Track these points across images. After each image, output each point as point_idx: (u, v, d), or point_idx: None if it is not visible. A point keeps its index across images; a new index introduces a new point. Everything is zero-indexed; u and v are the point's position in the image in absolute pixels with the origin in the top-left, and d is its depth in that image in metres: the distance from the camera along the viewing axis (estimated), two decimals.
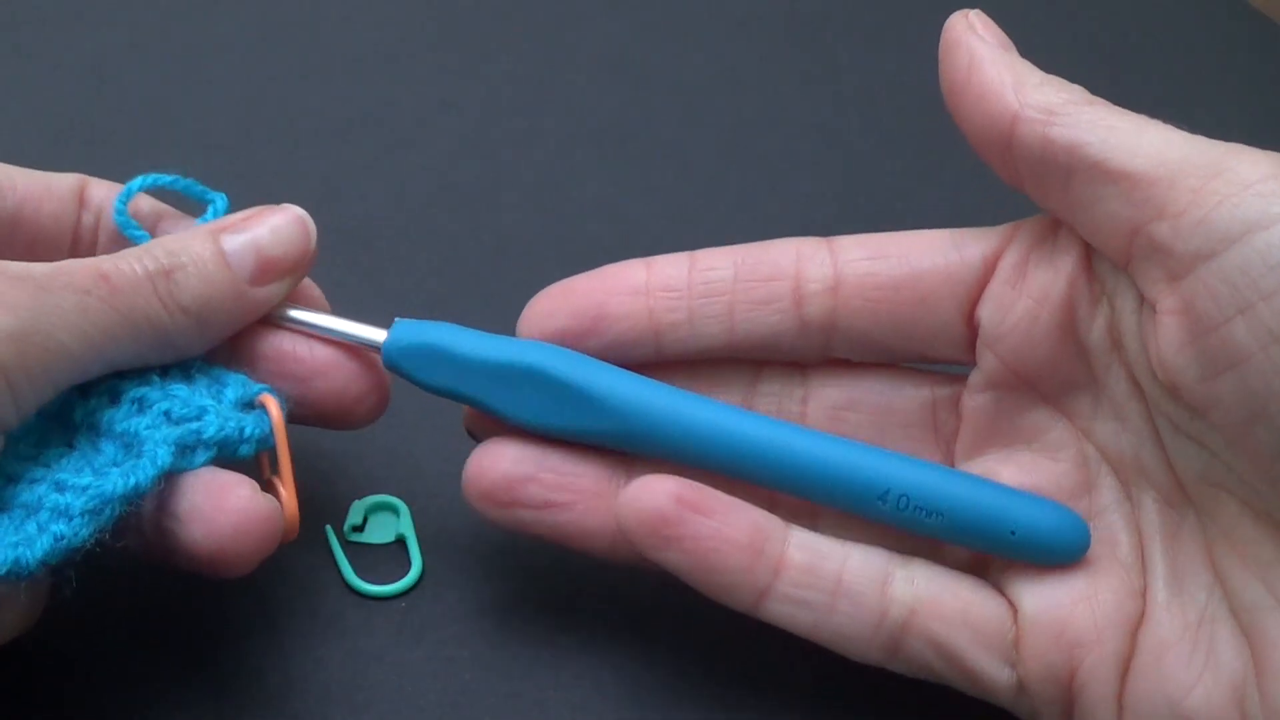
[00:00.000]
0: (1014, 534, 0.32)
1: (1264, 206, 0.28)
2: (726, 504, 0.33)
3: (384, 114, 0.52)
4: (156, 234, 0.36)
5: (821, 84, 0.55)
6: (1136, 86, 0.35)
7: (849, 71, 0.56)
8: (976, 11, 0.33)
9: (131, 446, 0.32)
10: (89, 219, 0.36)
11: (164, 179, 0.35)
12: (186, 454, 0.32)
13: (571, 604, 0.37)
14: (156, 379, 0.33)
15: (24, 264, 0.31)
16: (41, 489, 0.30)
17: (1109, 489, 0.33)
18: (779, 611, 0.33)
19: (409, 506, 0.39)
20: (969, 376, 0.34)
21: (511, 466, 0.34)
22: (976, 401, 0.34)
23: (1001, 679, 0.32)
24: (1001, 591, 0.33)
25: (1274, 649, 0.30)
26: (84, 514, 0.30)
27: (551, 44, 0.56)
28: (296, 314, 0.35)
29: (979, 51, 0.32)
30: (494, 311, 0.36)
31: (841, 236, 0.35)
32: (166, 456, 0.31)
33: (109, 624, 0.36)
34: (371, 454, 0.40)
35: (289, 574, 0.37)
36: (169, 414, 0.32)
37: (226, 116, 0.51)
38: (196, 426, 0.32)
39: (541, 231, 0.48)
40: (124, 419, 0.32)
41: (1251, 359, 0.28)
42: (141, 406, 0.32)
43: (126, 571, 0.33)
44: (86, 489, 0.30)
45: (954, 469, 0.34)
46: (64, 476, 0.31)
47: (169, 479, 0.31)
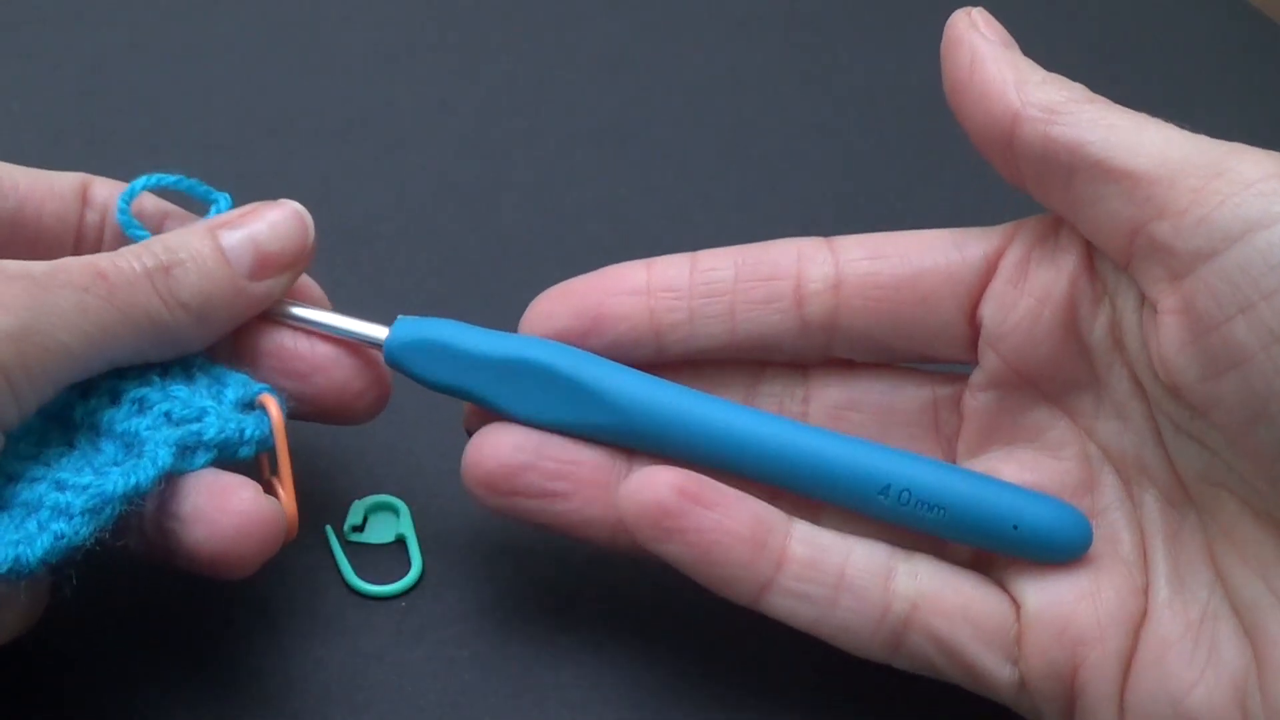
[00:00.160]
0: (1017, 529, 0.32)
1: (1265, 206, 0.28)
2: (728, 496, 0.33)
3: (384, 114, 0.52)
4: (161, 233, 0.35)
5: (821, 84, 0.55)
6: (1136, 86, 0.35)
7: (849, 71, 0.56)
8: (979, 9, 0.33)
9: (132, 447, 0.32)
10: (93, 218, 0.36)
11: (167, 179, 0.35)
12: (187, 455, 0.32)
13: (571, 604, 0.37)
14: (157, 379, 0.33)
15: (22, 263, 0.30)
16: (42, 488, 0.30)
17: (1111, 488, 0.33)
18: (781, 605, 0.33)
19: (409, 506, 0.39)
20: (970, 376, 0.34)
21: (511, 454, 0.33)
22: (978, 401, 0.34)
23: (1003, 675, 0.32)
24: (1004, 588, 0.33)
25: (1275, 647, 0.30)
26: (84, 513, 0.30)
27: (551, 44, 0.56)
28: (299, 311, 0.35)
29: (981, 49, 0.32)
30: (494, 311, 0.36)
31: (842, 236, 0.34)
32: (167, 457, 0.31)
33: (109, 624, 0.36)
34: (371, 453, 0.40)
35: (289, 574, 0.37)
36: (169, 415, 0.32)
37: (226, 116, 0.51)
38: (197, 428, 0.32)
39: (541, 231, 0.48)
40: (124, 419, 0.32)
41: (1252, 358, 0.28)
42: (142, 407, 0.32)
43: (126, 571, 0.33)
44: (87, 488, 0.30)
45: (956, 465, 0.34)
46: (64, 475, 0.31)
47: (171, 480, 0.31)
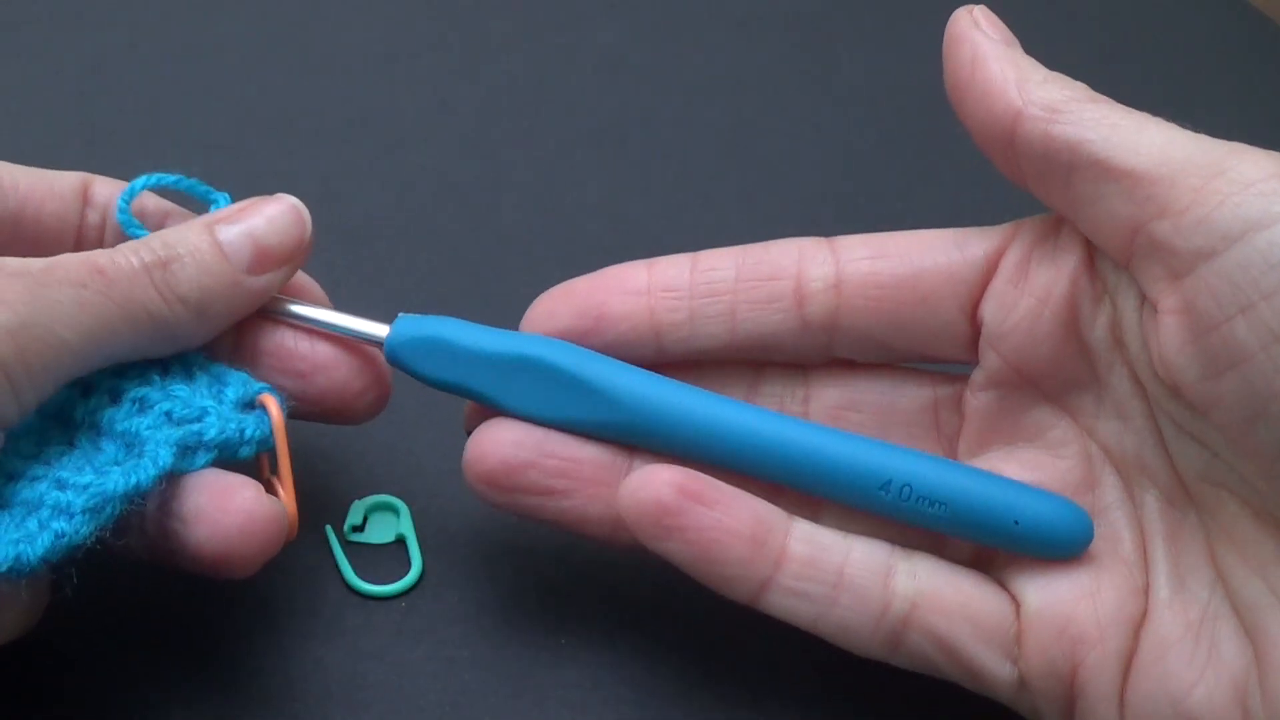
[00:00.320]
0: (1018, 525, 0.32)
1: (1265, 206, 0.28)
2: (728, 494, 0.33)
3: (384, 114, 0.52)
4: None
5: (821, 84, 0.55)
6: (1137, 86, 0.35)
7: (849, 71, 0.56)
8: (981, 7, 0.33)
9: (132, 446, 0.32)
10: (94, 217, 0.36)
11: (168, 178, 0.35)
12: (187, 455, 0.32)
13: (572, 604, 0.37)
14: (157, 379, 0.33)
15: (20, 260, 0.31)
16: (42, 487, 0.30)
17: (1111, 487, 0.33)
18: (780, 604, 0.33)
19: (409, 506, 0.39)
20: (971, 375, 0.34)
21: (512, 451, 0.34)
22: (979, 400, 0.34)
23: (1003, 674, 0.32)
24: (1004, 587, 0.33)
25: (1275, 647, 0.30)
26: (85, 512, 0.30)
27: (551, 44, 0.56)
28: (299, 310, 0.35)
29: (983, 47, 0.32)
30: (494, 311, 0.36)
31: (843, 236, 0.34)
32: (168, 457, 0.31)
33: (109, 624, 0.36)
34: (371, 454, 0.40)
35: (289, 574, 0.37)
36: (170, 414, 0.32)
37: (226, 116, 0.51)
38: (198, 428, 0.32)
39: (541, 231, 0.48)
40: (125, 419, 0.32)
41: (1252, 358, 0.28)
42: (143, 406, 0.32)
43: (127, 571, 0.33)
44: (88, 487, 0.30)
45: (957, 461, 0.34)
46: (65, 474, 0.31)
47: (172, 480, 0.31)
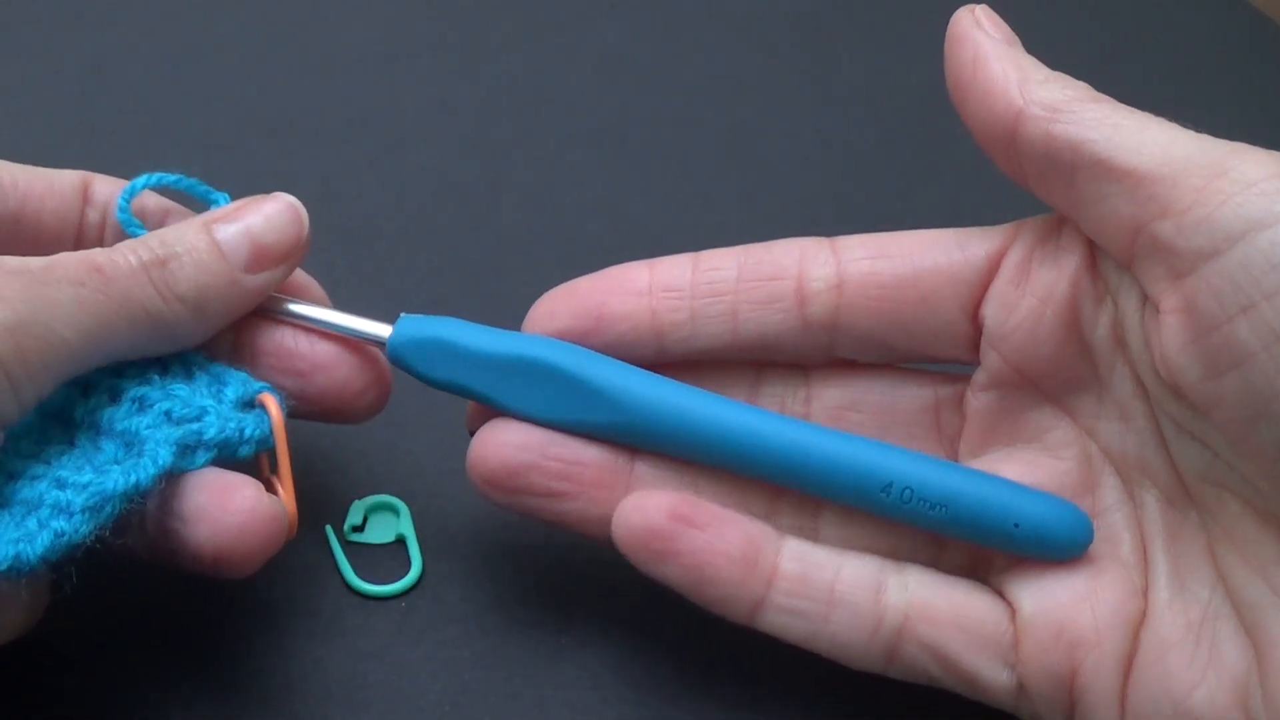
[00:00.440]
0: (1018, 527, 0.32)
1: (1267, 205, 0.28)
2: (719, 517, 0.33)
3: (384, 114, 0.52)
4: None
5: (821, 84, 0.55)
6: (1137, 86, 0.35)
7: (849, 71, 0.56)
8: (983, 7, 0.33)
9: (132, 445, 0.32)
10: (94, 216, 0.36)
11: (168, 178, 0.35)
12: (187, 454, 0.32)
13: (572, 604, 0.37)
14: (157, 378, 0.33)
15: (18, 258, 0.31)
16: (42, 486, 0.30)
17: (1111, 489, 0.33)
18: (774, 622, 0.33)
19: (409, 506, 0.39)
20: (973, 375, 0.34)
21: (514, 454, 0.34)
22: (980, 400, 0.34)
23: (1000, 681, 0.32)
24: (1000, 593, 0.33)
25: (1277, 647, 0.30)
26: (84, 511, 0.30)
27: (551, 44, 0.56)
28: (302, 310, 0.35)
29: (984, 47, 0.32)
30: (494, 311, 0.36)
31: (845, 236, 0.34)
32: (167, 456, 0.31)
33: (109, 624, 0.36)
34: (371, 454, 0.40)
35: (289, 574, 0.37)
36: (170, 414, 0.32)
37: (226, 116, 0.51)
38: (197, 427, 0.32)
39: (541, 231, 0.48)
40: (125, 418, 0.32)
41: (1254, 358, 0.28)
42: (142, 406, 0.32)
43: (127, 571, 0.33)
44: (87, 486, 0.30)
45: (957, 463, 0.34)
46: (65, 474, 0.31)
47: (173, 479, 0.31)
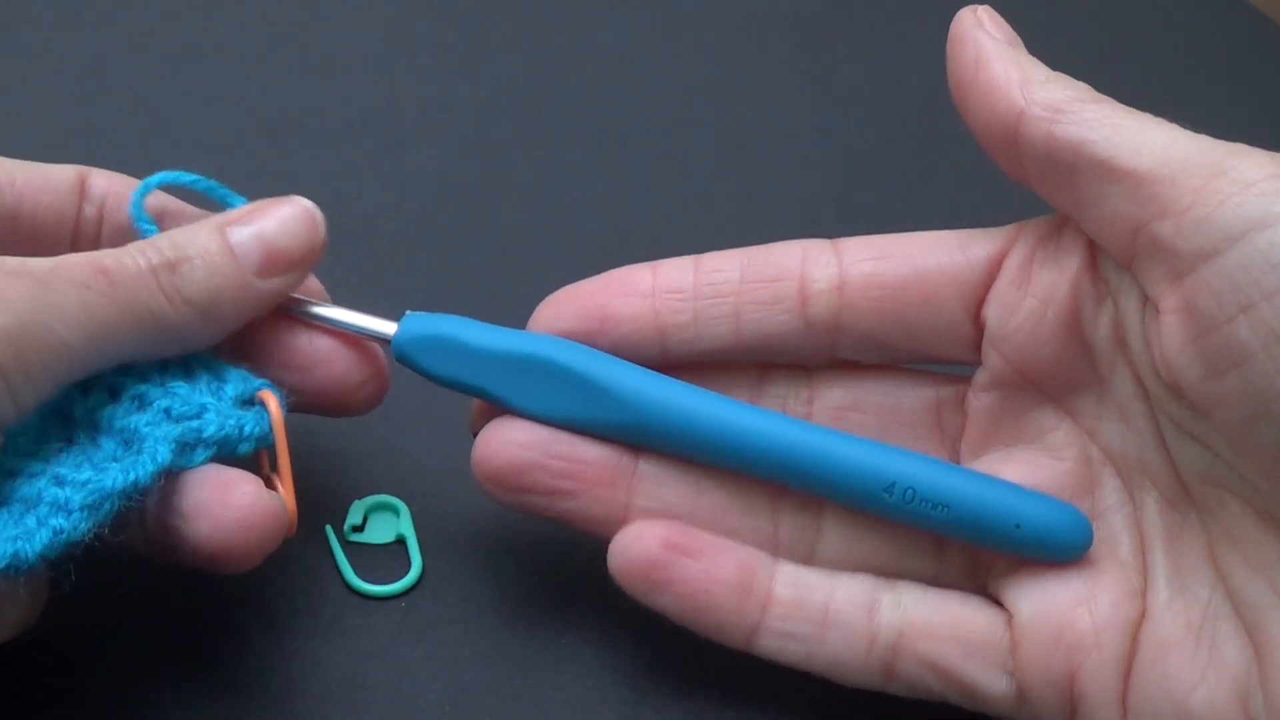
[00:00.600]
0: (1019, 528, 0.32)
1: (1266, 206, 0.28)
2: (714, 545, 0.33)
3: (384, 114, 0.52)
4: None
5: (821, 84, 0.55)
6: (1137, 86, 0.35)
7: (849, 71, 0.56)
8: (985, 7, 0.33)
9: (131, 443, 0.32)
10: (90, 211, 0.35)
11: (185, 177, 0.35)
12: (186, 452, 0.32)
13: (572, 604, 0.37)
14: (156, 375, 0.33)
15: (21, 259, 0.30)
16: (41, 483, 0.30)
17: (1111, 490, 0.33)
18: (770, 646, 0.33)
19: (409, 506, 0.39)
20: (974, 376, 0.34)
21: (518, 452, 0.34)
22: (982, 401, 0.34)
23: (999, 689, 0.32)
24: (997, 599, 0.33)
25: (1277, 647, 0.30)
26: (83, 508, 0.30)
27: (551, 44, 0.56)
28: (307, 307, 0.35)
29: (986, 47, 0.32)
30: (495, 311, 0.36)
31: (847, 238, 0.35)
32: (166, 454, 0.31)
33: (109, 623, 0.36)
34: (372, 453, 0.40)
35: (289, 574, 0.37)
36: (169, 411, 0.32)
37: (226, 116, 0.51)
38: (197, 425, 0.32)
39: (542, 231, 0.48)
40: (124, 415, 0.32)
41: (1254, 358, 0.28)
42: (141, 403, 0.32)
43: (127, 570, 0.33)
44: (86, 484, 0.30)
45: (960, 465, 0.34)
46: (63, 471, 0.31)
47: (173, 476, 0.31)
